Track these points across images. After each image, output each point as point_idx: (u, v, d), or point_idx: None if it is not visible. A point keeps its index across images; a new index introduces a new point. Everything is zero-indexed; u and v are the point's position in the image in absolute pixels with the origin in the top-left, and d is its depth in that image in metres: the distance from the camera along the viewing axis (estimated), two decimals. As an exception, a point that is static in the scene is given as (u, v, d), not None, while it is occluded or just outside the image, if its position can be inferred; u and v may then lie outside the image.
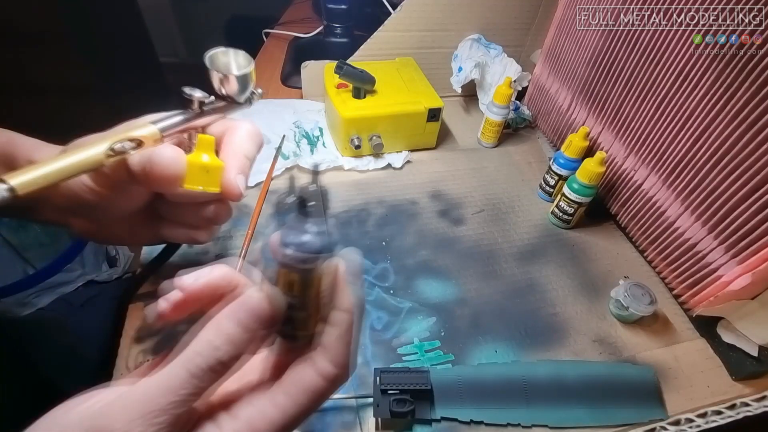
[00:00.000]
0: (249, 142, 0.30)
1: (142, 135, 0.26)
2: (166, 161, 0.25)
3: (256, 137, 0.31)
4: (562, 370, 0.36)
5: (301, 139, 0.55)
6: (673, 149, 0.41)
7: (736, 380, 0.37)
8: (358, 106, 0.52)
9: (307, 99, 0.64)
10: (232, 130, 0.30)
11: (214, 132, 0.30)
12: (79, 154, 0.24)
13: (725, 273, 0.37)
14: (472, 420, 0.33)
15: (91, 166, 0.24)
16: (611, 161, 0.49)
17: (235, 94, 0.30)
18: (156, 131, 0.26)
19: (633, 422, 0.34)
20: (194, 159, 0.27)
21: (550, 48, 0.58)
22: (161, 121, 0.27)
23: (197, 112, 0.29)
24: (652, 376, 0.36)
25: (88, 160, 0.24)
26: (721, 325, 0.39)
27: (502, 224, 0.49)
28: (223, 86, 0.30)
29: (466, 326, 0.39)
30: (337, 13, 0.71)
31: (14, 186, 0.20)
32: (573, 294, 0.43)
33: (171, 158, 0.26)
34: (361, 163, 0.55)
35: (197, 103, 0.29)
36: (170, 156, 0.26)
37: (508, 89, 0.55)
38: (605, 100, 0.48)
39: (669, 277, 0.43)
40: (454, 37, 0.63)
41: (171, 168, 0.26)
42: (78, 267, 0.88)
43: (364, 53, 0.62)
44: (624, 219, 0.49)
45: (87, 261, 0.90)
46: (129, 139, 0.25)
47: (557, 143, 0.59)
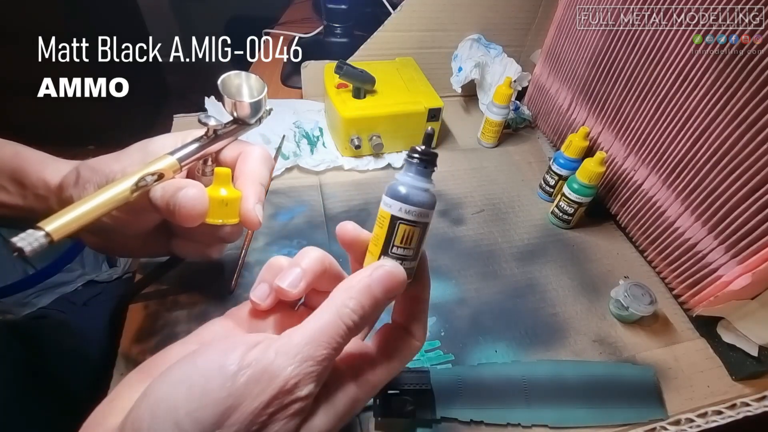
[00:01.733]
0: (262, 167, 0.31)
1: (162, 168, 0.27)
2: (191, 203, 0.26)
3: (268, 162, 0.32)
4: (562, 370, 0.36)
5: (301, 139, 0.55)
6: (673, 149, 0.41)
7: (736, 380, 0.37)
8: (358, 106, 0.52)
9: (307, 99, 0.64)
10: (245, 155, 0.31)
11: (227, 156, 0.31)
12: (106, 193, 0.25)
13: (725, 273, 0.37)
14: (472, 420, 0.33)
15: (118, 203, 0.25)
16: (611, 161, 0.49)
17: (247, 118, 0.31)
18: (175, 162, 0.27)
19: (633, 422, 0.34)
20: (213, 193, 0.28)
21: (550, 48, 0.58)
22: (178, 151, 0.28)
23: (211, 138, 0.30)
24: (652, 376, 0.36)
25: (116, 198, 0.25)
26: (721, 325, 0.39)
27: (502, 224, 0.49)
28: (235, 110, 0.30)
29: (465, 326, 0.39)
30: (337, 13, 0.71)
31: (50, 232, 0.22)
32: (573, 294, 0.43)
33: (195, 199, 0.26)
34: (361, 163, 0.55)
35: (212, 130, 0.29)
36: (194, 196, 0.26)
37: (508, 89, 0.55)
38: (605, 100, 0.48)
39: (669, 277, 0.43)
40: (454, 37, 0.63)
41: (196, 209, 0.27)
42: (78, 267, 0.88)
43: (364, 53, 0.62)
44: (624, 219, 0.49)
45: (87, 261, 0.90)
46: (151, 173, 0.26)
47: (557, 143, 0.59)
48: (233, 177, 0.30)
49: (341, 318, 0.19)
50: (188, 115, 0.58)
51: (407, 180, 0.21)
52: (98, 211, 0.24)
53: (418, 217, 0.20)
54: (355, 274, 0.21)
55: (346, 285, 0.20)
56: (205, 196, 0.27)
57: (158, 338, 0.35)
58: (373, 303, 0.20)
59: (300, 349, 0.17)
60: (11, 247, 0.21)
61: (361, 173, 0.54)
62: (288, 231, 0.46)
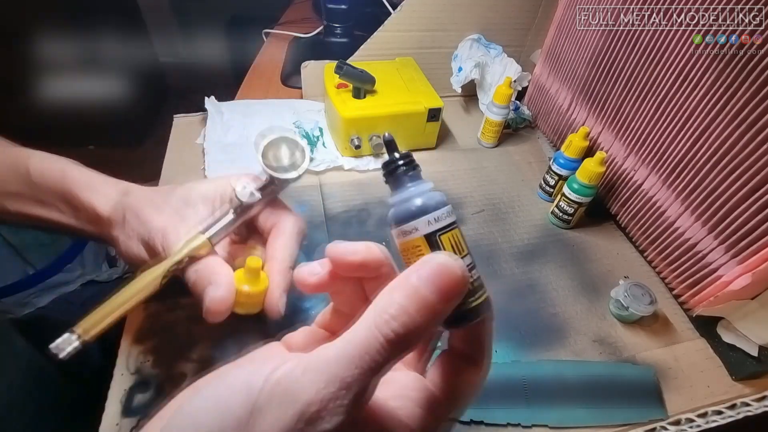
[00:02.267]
0: (294, 244, 0.31)
1: (194, 250, 0.27)
2: (217, 305, 0.26)
3: (301, 235, 0.32)
4: (562, 370, 0.36)
5: (301, 139, 0.55)
6: (673, 149, 0.41)
7: (736, 380, 0.37)
8: (358, 106, 0.52)
9: (307, 99, 0.64)
10: (278, 230, 0.31)
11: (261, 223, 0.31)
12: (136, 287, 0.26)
13: (725, 273, 0.37)
14: (472, 420, 0.33)
15: (149, 294, 0.26)
16: (611, 161, 0.49)
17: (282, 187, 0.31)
18: (206, 242, 0.28)
19: (633, 422, 0.34)
20: (240, 287, 0.28)
21: (550, 48, 0.58)
22: (211, 227, 0.28)
23: (244, 209, 0.29)
24: (652, 376, 0.36)
25: (146, 290, 0.26)
26: (721, 325, 0.39)
27: (502, 224, 0.49)
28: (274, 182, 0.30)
29: (466, 326, 0.39)
30: (337, 13, 0.71)
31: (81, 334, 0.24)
32: (573, 294, 0.43)
33: (222, 301, 0.27)
34: (361, 163, 0.55)
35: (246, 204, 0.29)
36: (221, 299, 0.27)
37: (508, 89, 0.55)
38: (605, 100, 0.48)
39: (669, 277, 0.43)
40: (454, 37, 0.63)
41: (221, 309, 0.27)
42: (78, 267, 0.88)
43: (364, 53, 0.62)
44: (624, 219, 0.49)
45: (87, 261, 0.90)
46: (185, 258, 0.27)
47: (557, 143, 0.59)
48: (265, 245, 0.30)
49: (378, 328, 0.14)
50: (188, 115, 0.58)
51: (410, 192, 0.18)
52: (129, 308, 0.26)
53: (448, 216, 0.17)
54: (400, 275, 0.16)
55: (389, 287, 0.15)
56: (231, 297, 0.27)
57: (158, 338, 0.35)
58: (423, 308, 0.14)
59: (328, 366, 0.13)
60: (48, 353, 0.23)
61: (361, 173, 0.54)
62: (288, 231, 0.46)
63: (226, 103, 0.60)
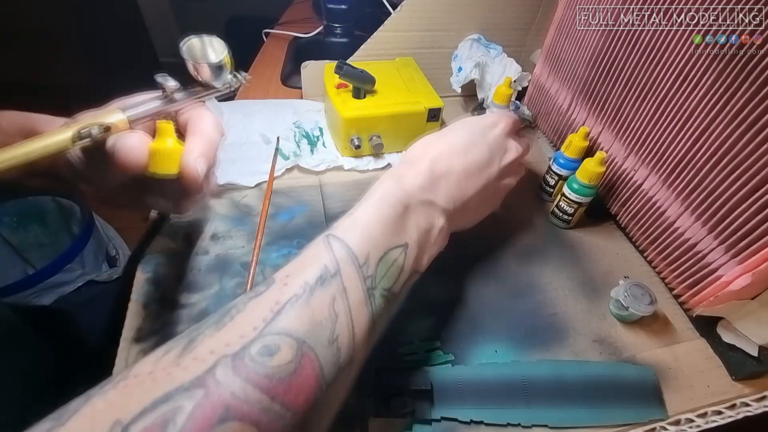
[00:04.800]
0: (212, 128, 0.31)
1: (110, 122, 0.27)
2: (126, 150, 0.27)
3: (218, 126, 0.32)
4: (562, 370, 0.36)
5: (301, 139, 0.56)
6: (673, 149, 0.41)
7: (736, 380, 0.37)
8: (358, 106, 0.52)
9: (307, 99, 0.64)
10: (197, 117, 0.31)
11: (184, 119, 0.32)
12: (45, 140, 0.26)
13: (725, 273, 0.37)
14: (472, 420, 0.33)
15: (58, 150, 0.26)
16: (611, 161, 0.49)
17: (209, 81, 0.32)
18: (124, 119, 0.28)
19: (633, 422, 0.34)
20: (158, 145, 0.28)
21: (550, 48, 0.58)
22: (131, 109, 0.29)
23: (169, 99, 0.30)
24: (652, 376, 0.36)
25: (55, 145, 0.26)
26: (721, 325, 0.39)
27: (502, 224, 0.49)
28: (198, 73, 0.31)
29: (465, 326, 0.39)
30: (337, 13, 0.71)
31: None
32: (573, 294, 0.43)
33: (132, 147, 0.27)
34: (361, 163, 0.55)
35: (170, 92, 0.30)
36: (131, 145, 0.27)
37: (508, 89, 0.55)
38: (605, 100, 0.48)
39: (669, 277, 0.44)
40: (454, 37, 0.63)
41: (132, 156, 0.27)
42: (78, 267, 0.88)
43: (364, 53, 0.62)
44: (624, 219, 0.49)
45: (87, 261, 0.90)
46: (97, 125, 0.27)
47: (557, 143, 0.59)
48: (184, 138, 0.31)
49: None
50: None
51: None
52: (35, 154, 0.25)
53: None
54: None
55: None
56: (143, 145, 0.27)
57: (158, 338, 0.35)
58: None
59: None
60: None
61: (362, 173, 0.54)
62: (288, 231, 0.46)
63: (226, 102, 0.60)
